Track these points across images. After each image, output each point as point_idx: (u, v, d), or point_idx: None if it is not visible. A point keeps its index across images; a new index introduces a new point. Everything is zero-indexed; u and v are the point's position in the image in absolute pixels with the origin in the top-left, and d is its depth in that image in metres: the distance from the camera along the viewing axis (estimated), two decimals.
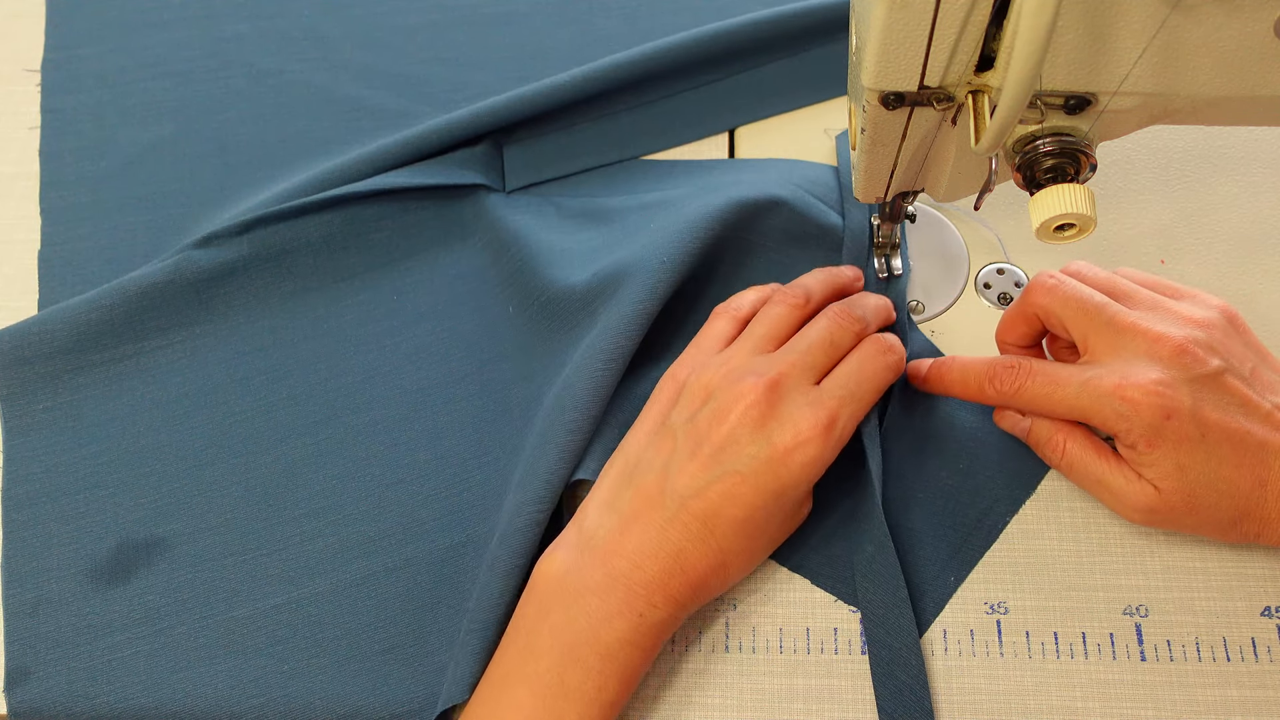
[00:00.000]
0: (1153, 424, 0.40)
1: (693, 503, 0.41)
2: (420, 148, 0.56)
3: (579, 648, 0.40)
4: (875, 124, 0.40)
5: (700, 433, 0.42)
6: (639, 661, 0.41)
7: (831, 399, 0.42)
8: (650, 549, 0.41)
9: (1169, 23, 0.34)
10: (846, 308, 0.46)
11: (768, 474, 0.41)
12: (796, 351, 0.44)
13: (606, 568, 0.41)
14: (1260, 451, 0.40)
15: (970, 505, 0.47)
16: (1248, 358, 0.43)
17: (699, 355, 0.46)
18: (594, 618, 0.40)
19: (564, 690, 0.39)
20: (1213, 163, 0.56)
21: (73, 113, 0.61)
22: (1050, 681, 0.44)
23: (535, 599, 0.42)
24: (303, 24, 0.64)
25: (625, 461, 0.44)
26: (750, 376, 0.42)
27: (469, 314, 0.53)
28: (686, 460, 0.42)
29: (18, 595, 0.47)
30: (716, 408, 0.42)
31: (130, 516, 0.49)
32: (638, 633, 0.40)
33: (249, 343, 0.53)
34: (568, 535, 0.43)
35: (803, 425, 0.41)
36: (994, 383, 0.44)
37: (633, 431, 0.45)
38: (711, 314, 0.48)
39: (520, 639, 0.41)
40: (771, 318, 0.46)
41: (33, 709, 0.45)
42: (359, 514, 0.48)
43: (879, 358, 0.44)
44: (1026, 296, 0.45)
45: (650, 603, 0.40)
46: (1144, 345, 0.41)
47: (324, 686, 0.45)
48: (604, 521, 0.42)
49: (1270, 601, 0.44)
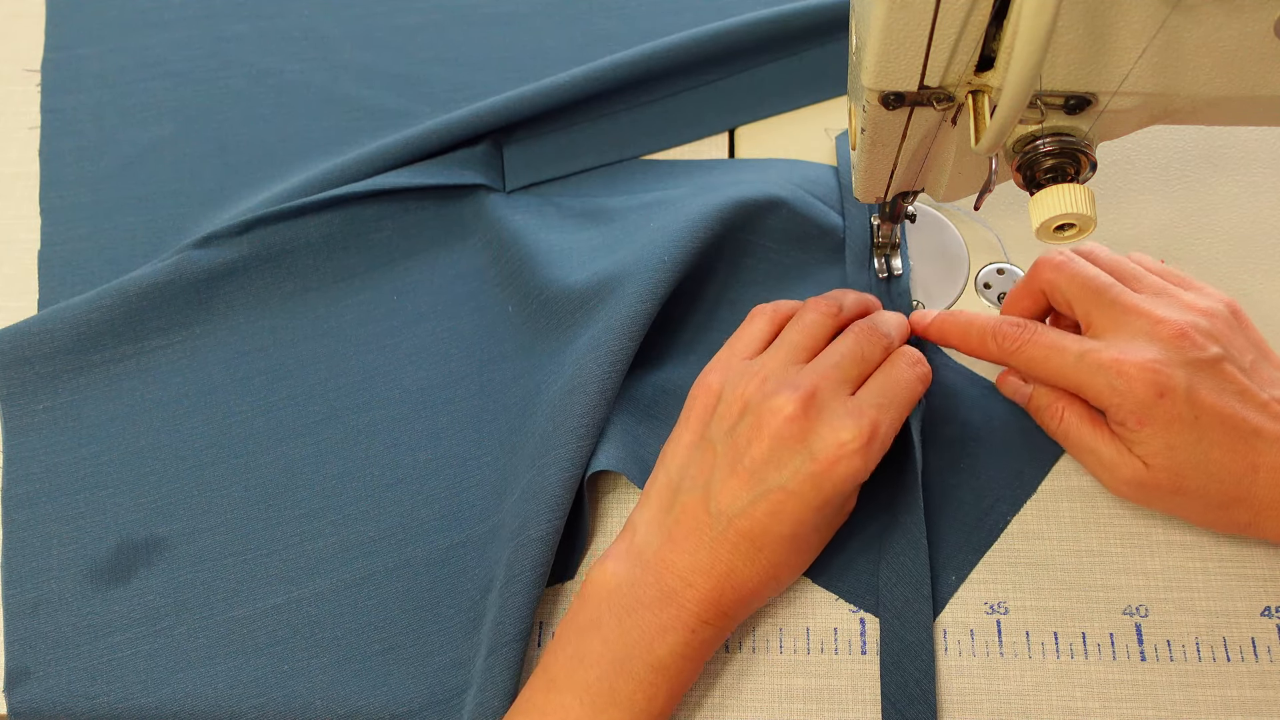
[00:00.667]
0: (1144, 401, 0.41)
1: (739, 522, 0.41)
2: (420, 148, 0.56)
3: (631, 660, 0.40)
4: (875, 124, 0.40)
5: (740, 447, 0.42)
6: (689, 674, 0.41)
7: (871, 408, 0.42)
8: (702, 567, 0.41)
9: (1169, 23, 0.34)
10: (873, 324, 0.46)
11: (811, 488, 0.41)
12: (829, 364, 0.43)
13: (660, 584, 0.41)
14: (1253, 438, 0.41)
15: (972, 505, 0.47)
16: (1248, 351, 0.43)
17: (733, 361, 0.45)
18: (647, 631, 0.40)
19: (614, 700, 0.39)
20: (1213, 163, 0.56)
21: (73, 113, 0.61)
22: (1050, 681, 0.44)
23: (588, 608, 0.42)
24: (303, 24, 0.64)
25: (668, 476, 0.44)
26: (786, 389, 0.42)
27: (469, 314, 0.53)
28: (728, 476, 0.42)
29: (18, 595, 0.47)
30: (755, 421, 0.42)
31: (130, 516, 0.49)
32: (689, 646, 0.40)
33: (249, 343, 0.53)
34: (619, 546, 0.43)
35: (845, 436, 0.41)
36: (996, 338, 0.44)
37: (672, 442, 0.45)
38: (750, 313, 0.48)
39: (570, 647, 0.41)
40: (806, 324, 0.46)
41: (33, 709, 0.45)
42: (359, 514, 0.48)
43: (909, 370, 0.44)
44: (1033, 271, 0.46)
45: (702, 619, 0.41)
46: (1145, 326, 0.42)
47: (324, 686, 0.45)
48: (653, 538, 0.42)
49: (1270, 601, 0.44)
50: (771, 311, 0.47)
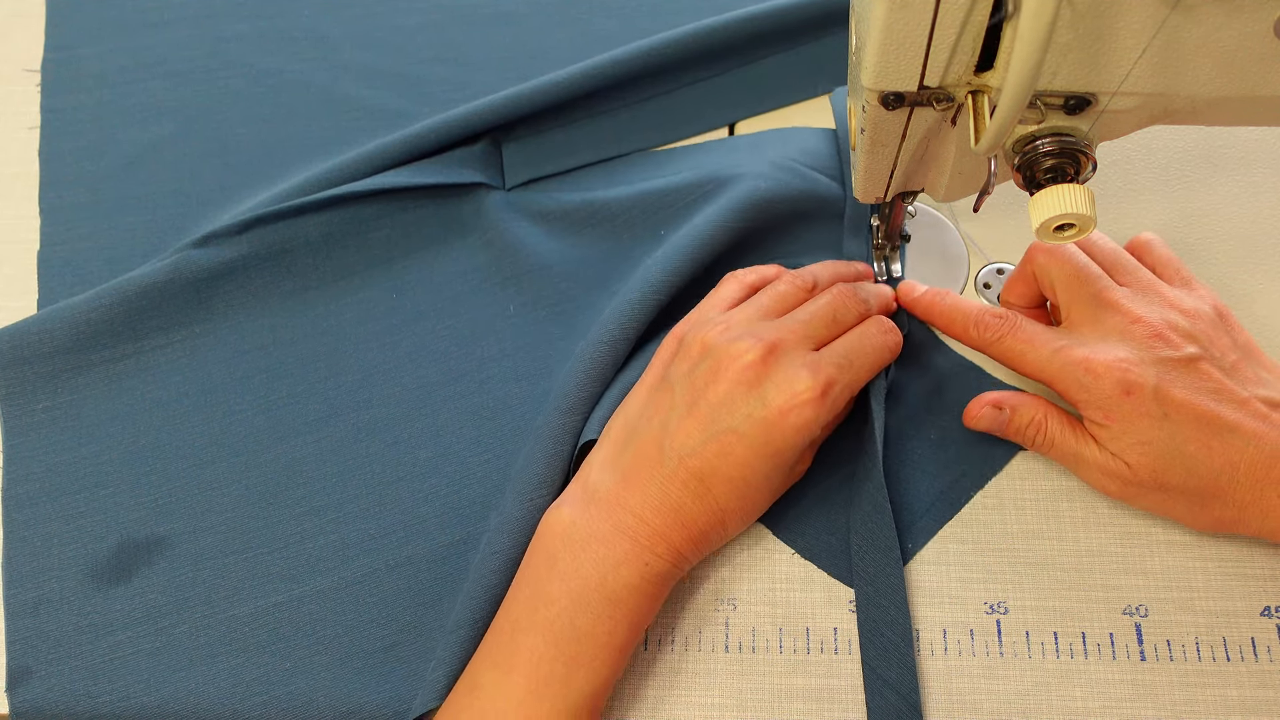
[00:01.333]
0: (1110, 397, 0.42)
1: (690, 460, 0.42)
2: (419, 146, 0.56)
3: (588, 593, 0.41)
4: (875, 124, 0.40)
5: (697, 389, 0.43)
6: (646, 608, 0.42)
7: (829, 365, 0.43)
8: (652, 503, 0.42)
9: (1169, 23, 0.34)
10: (852, 288, 0.47)
11: (762, 434, 0.42)
12: (797, 320, 0.45)
13: (612, 519, 0.42)
14: (1229, 434, 0.41)
15: (937, 476, 0.47)
16: (1231, 351, 0.44)
17: (702, 315, 0.47)
18: (602, 565, 0.41)
19: (575, 634, 0.40)
20: (1213, 163, 0.56)
21: (73, 113, 0.61)
22: (1050, 681, 0.44)
23: (542, 549, 0.42)
24: (303, 24, 0.64)
25: (626, 418, 0.45)
26: (748, 337, 0.43)
27: (469, 312, 0.54)
28: (684, 417, 0.43)
29: (19, 595, 0.47)
30: (713, 364, 0.43)
31: (131, 515, 0.49)
32: (644, 580, 0.41)
33: (249, 341, 0.53)
34: (572, 490, 0.44)
35: (799, 387, 0.42)
36: (978, 327, 0.46)
37: (635, 389, 0.46)
38: (723, 279, 0.49)
39: (527, 588, 0.42)
40: (778, 292, 0.47)
41: (35, 708, 0.45)
42: (359, 512, 0.48)
43: (879, 336, 0.46)
44: (1028, 255, 0.47)
45: (654, 553, 0.41)
46: (1121, 324, 0.43)
47: (326, 684, 0.45)
48: (606, 477, 0.43)
49: (1270, 601, 0.45)
50: (743, 275, 0.49)
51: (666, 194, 0.55)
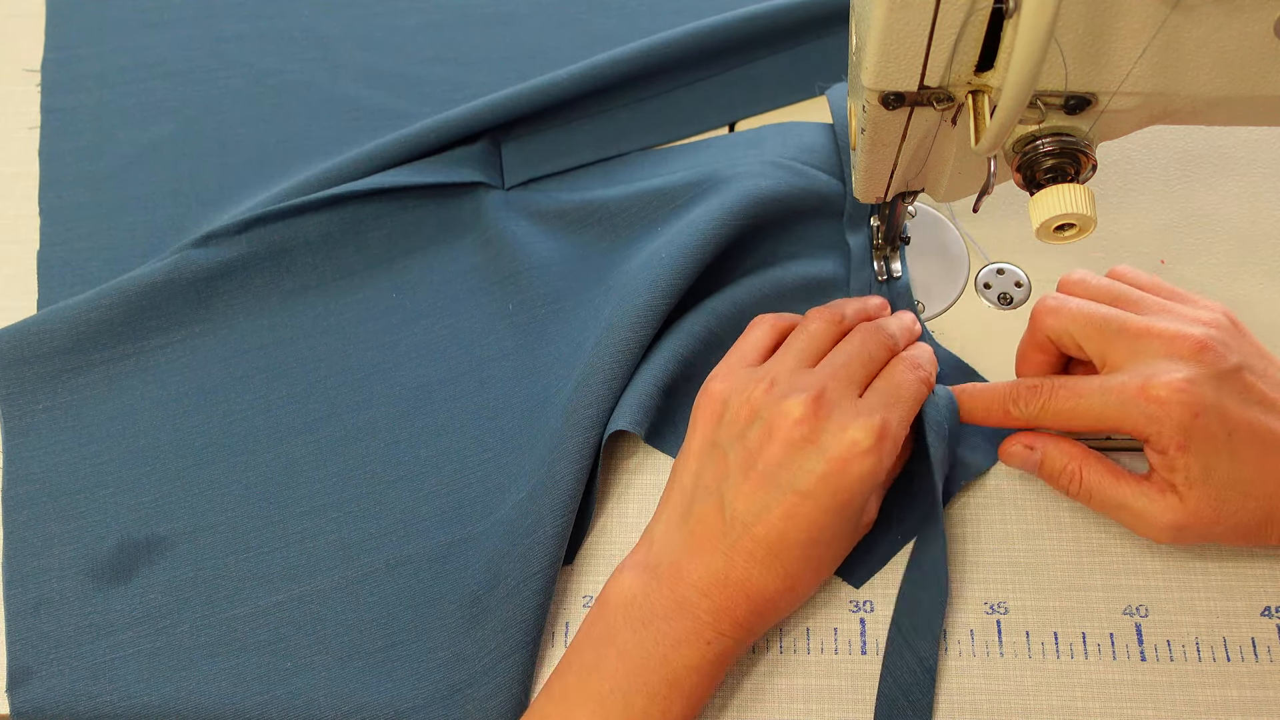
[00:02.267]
0: (1183, 423, 0.39)
1: (755, 528, 0.41)
2: (418, 146, 0.56)
3: (646, 673, 0.39)
4: (875, 124, 0.40)
5: (752, 452, 0.42)
6: (705, 688, 0.41)
7: (879, 407, 0.42)
8: (718, 578, 0.40)
9: (1169, 23, 0.34)
10: (878, 326, 0.46)
11: (825, 489, 0.40)
12: (836, 365, 0.43)
13: (675, 595, 0.40)
14: None
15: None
16: (1257, 357, 0.43)
17: (737, 369, 0.45)
18: (662, 644, 0.40)
19: (628, 714, 0.39)
20: (1213, 163, 0.56)
21: (72, 113, 0.61)
22: (1050, 681, 0.44)
23: (603, 620, 0.41)
24: (303, 24, 0.64)
25: (681, 486, 0.44)
26: (795, 392, 0.42)
27: (468, 311, 0.54)
28: (741, 481, 0.41)
29: (19, 595, 0.47)
30: (765, 425, 0.42)
31: (131, 515, 0.49)
32: (704, 660, 0.40)
33: (248, 341, 0.53)
34: (636, 558, 0.43)
35: (858, 435, 0.40)
36: (1017, 404, 0.43)
37: (682, 453, 0.45)
38: (752, 322, 0.48)
39: (584, 657, 0.41)
40: (810, 333, 0.46)
41: (35, 709, 0.45)
42: (360, 511, 0.48)
43: (911, 373, 0.44)
44: (1034, 323, 0.45)
45: (718, 630, 0.40)
46: (1162, 346, 0.41)
47: (326, 683, 0.45)
48: (669, 548, 0.42)
49: (1270, 601, 0.44)
50: (774, 320, 0.47)
51: (665, 193, 0.55)
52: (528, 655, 0.44)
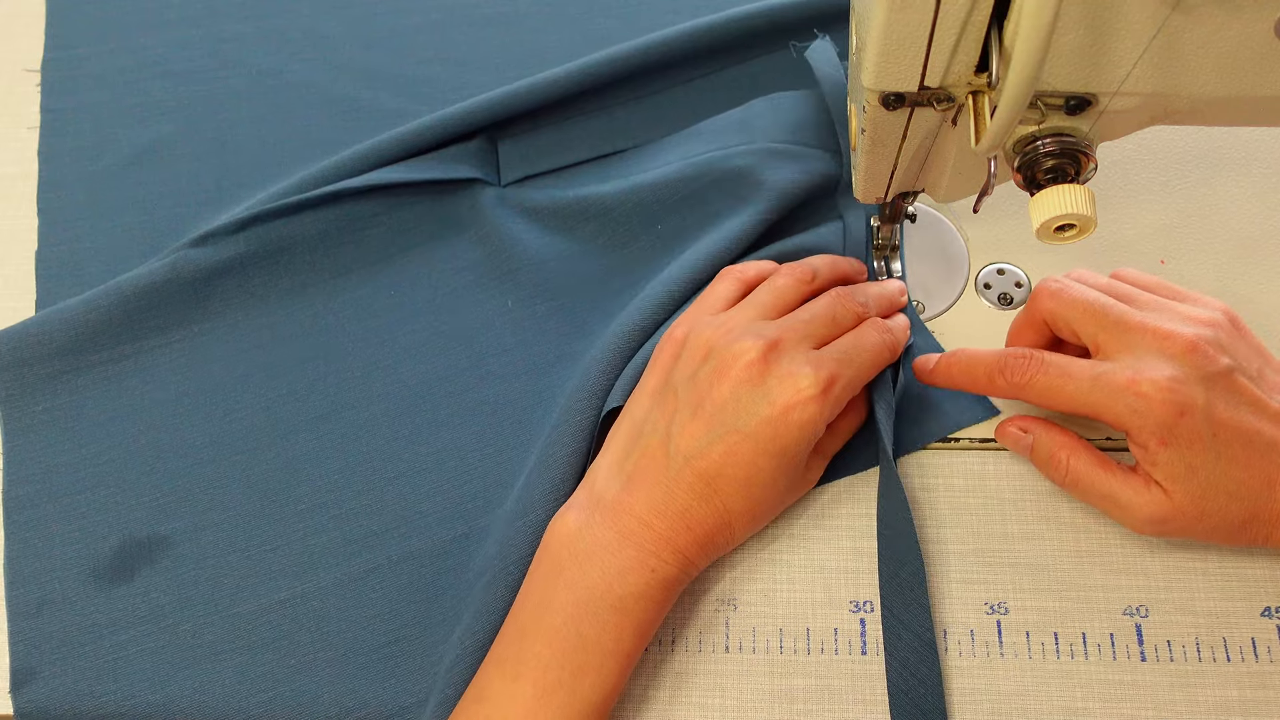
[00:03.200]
0: (1166, 421, 0.40)
1: (696, 462, 0.42)
2: (415, 144, 0.56)
3: (593, 602, 0.41)
4: (875, 124, 0.40)
5: (701, 391, 0.43)
6: (652, 614, 0.42)
7: (830, 361, 0.43)
8: (658, 508, 0.42)
9: (1169, 23, 0.34)
10: (850, 291, 0.47)
11: (767, 432, 0.41)
12: (798, 320, 0.44)
13: (617, 526, 0.42)
14: (1269, 451, 0.40)
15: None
16: (1253, 359, 0.43)
17: (699, 315, 0.46)
18: (607, 573, 0.41)
19: (581, 642, 0.40)
20: (1213, 163, 0.56)
21: (72, 113, 0.61)
22: (1050, 681, 0.44)
23: (549, 558, 0.42)
24: (303, 24, 0.64)
25: (631, 423, 0.45)
26: (750, 336, 0.43)
27: (467, 308, 0.54)
28: (688, 420, 0.42)
29: (21, 596, 0.47)
30: (716, 365, 0.43)
31: (132, 515, 0.49)
32: (650, 586, 0.41)
33: (247, 340, 0.53)
34: (578, 497, 0.44)
35: (803, 383, 0.42)
36: (1004, 373, 0.44)
37: (636, 393, 0.46)
38: (719, 273, 0.49)
39: (534, 596, 0.42)
40: (776, 288, 0.47)
41: (39, 709, 0.45)
42: (361, 508, 0.49)
43: (877, 335, 0.45)
44: (1032, 302, 0.45)
45: (660, 558, 0.41)
46: (1154, 343, 0.41)
47: (330, 680, 0.45)
48: (612, 482, 0.43)
49: (1270, 601, 0.45)
50: (739, 272, 0.48)
51: (661, 187, 0.55)
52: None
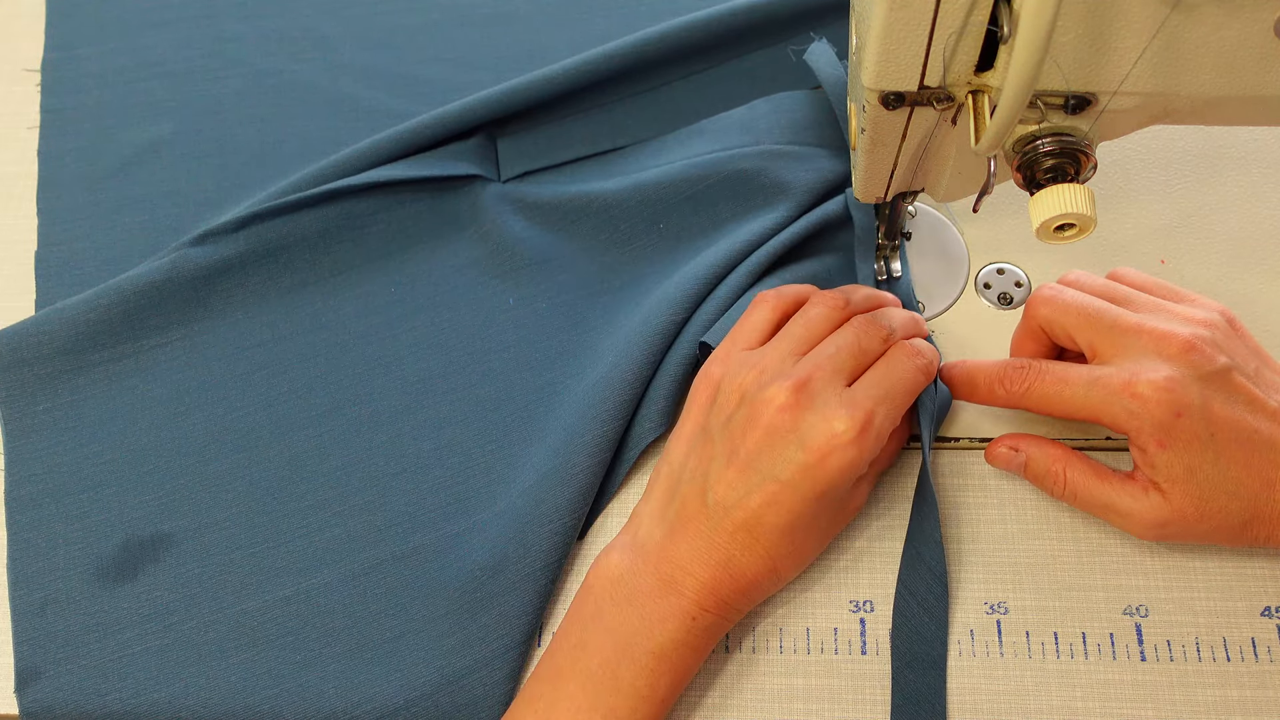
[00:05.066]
0: (1163, 422, 0.40)
1: (735, 513, 0.41)
2: (414, 142, 0.56)
3: (632, 647, 0.40)
4: (875, 124, 0.40)
5: (735, 439, 0.42)
6: (690, 662, 0.41)
7: (866, 399, 0.42)
8: (700, 557, 0.41)
9: (1169, 23, 0.34)
10: (872, 317, 0.46)
11: (805, 479, 0.41)
12: (824, 355, 0.43)
13: (660, 573, 0.41)
14: (1268, 450, 0.40)
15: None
16: (1250, 357, 0.43)
17: (734, 352, 0.46)
18: (647, 619, 0.41)
19: (617, 686, 0.40)
20: (1213, 163, 0.56)
21: (72, 113, 0.61)
22: (1050, 681, 0.44)
23: (591, 599, 0.42)
24: (303, 24, 0.64)
25: (670, 468, 0.44)
26: (779, 379, 0.42)
27: (468, 305, 0.54)
28: (724, 468, 0.42)
29: (25, 595, 0.47)
30: (749, 412, 0.42)
31: (135, 514, 0.49)
32: (690, 634, 0.41)
33: (248, 338, 0.53)
34: (622, 539, 0.44)
35: (838, 426, 0.41)
36: (1003, 383, 0.44)
37: (675, 436, 0.45)
38: (754, 301, 0.48)
39: (574, 636, 0.42)
40: (810, 318, 0.45)
41: (45, 708, 0.45)
42: (365, 504, 0.49)
43: (908, 360, 0.44)
44: (1028, 311, 0.45)
45: (701, 606, 0.41)
46: (1150, 344, 0.41)
47: (336, 675, 0.45)
48: (655, 530, 0.43)
49: (1270, 601, 0.45)
50: (775, 299, 0.47)
51: (663, 185, 0.55)
52: (533, 641, 0.44)
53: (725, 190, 0.54)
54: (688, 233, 0.54)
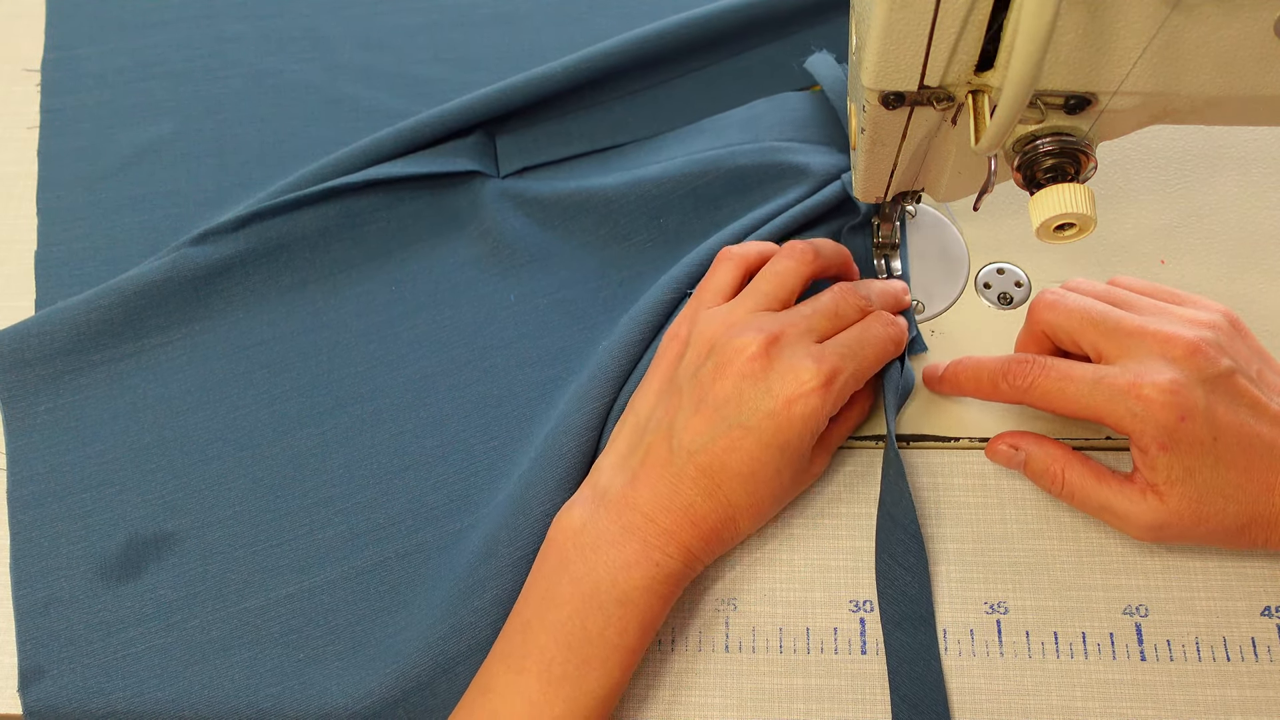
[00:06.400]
0: (1167, 425, 0.40)
1: (699, 457, 0.42)
2: (413, 139, 0.56)
3: (598, 595, 0.41)
4: (875, 124, 0.40)
5: (703, 387, 0.43)
6: (657, 608, 0.42)
7: (833, 354, 0.43)
8: (662, 503, 0.42)
9: (1169, 23, 0.34)
10: (853, 286, 0.46)
11: (769, 426, 0.42)
12: (800, 314, 0.44)
13: (621, 521, 0.42)
14: (1268, 454, 0.40)
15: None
16: (1253, 360, 0.43)
17: (700, 308, 0.46)
18: (612, 567, 0.41)
19: (586, 636, 0.40)
20: (1213, 163, 0.56)
21: (72, 113, 0.61)
22: (1050, 681, 0.44)
23: (554, 551, 0.43)
24: (303, 24, 0.64)
25: (635, 419, 0.45)
26: (751, 330, 0.43)
27: (469, 302, 0.54)
28: (691, 415, 0.43)
29: (28, 595, 0.47)
30: (718, 361, 0.43)
31: (138, 513, 0.49)
32: (654, 580, 0.41)
33: (249, 337, 0.53)
34: (583, 492, 0.44)
35: (804, 376, 0.42)
36: (1007, 378, 0.44)
37: (641, 389, 0.46)
38: (717, 257, 0.48)
39: (539, 589, 0.42)
40: (777, 272, 0.46)
41: (48, 707, 0.45)
42: (367, 502, 0.49)
43: (880, 328, 0.45)
44: (1031, 315, 0.46)
45: (665, 552, 0.41)
46: (1155, 347, 0.41)
47: (339, 672, 0.45)
48: (617, 477, 0.43)
49: (1270, 601, 0.45)
50: (740, 255, 0.48)
51: (664, 182, 0.55)
52: None
53: (726, 186, 0.54)
54: (688, 229, 0.54)
